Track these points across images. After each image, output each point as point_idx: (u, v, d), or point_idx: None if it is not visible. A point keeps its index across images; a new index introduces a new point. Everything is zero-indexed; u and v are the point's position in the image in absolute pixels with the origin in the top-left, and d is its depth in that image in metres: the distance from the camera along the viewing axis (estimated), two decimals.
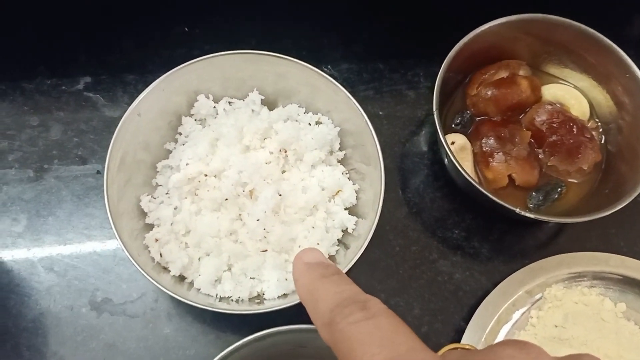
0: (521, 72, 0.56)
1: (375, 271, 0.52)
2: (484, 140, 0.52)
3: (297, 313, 0.48)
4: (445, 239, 0.54)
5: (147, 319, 0.50)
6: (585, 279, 0.51)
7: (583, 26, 0.52)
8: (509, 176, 0.51)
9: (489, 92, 0.53)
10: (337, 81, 0.59)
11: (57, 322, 0.49)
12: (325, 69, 0.59)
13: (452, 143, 0.52)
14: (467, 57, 0.53)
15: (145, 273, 0.42)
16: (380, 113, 0.58)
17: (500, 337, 0.49)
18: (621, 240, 0.55)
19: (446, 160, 0.49)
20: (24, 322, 0.49)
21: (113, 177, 0.46)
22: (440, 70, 0.50)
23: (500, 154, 0.51)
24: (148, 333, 0.49)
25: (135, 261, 0.43)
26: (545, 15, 0.52)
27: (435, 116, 0.48)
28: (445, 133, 0.53)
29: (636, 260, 0.51)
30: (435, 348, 0.49)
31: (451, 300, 0.52)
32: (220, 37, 0.60)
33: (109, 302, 0.50)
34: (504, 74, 0.55)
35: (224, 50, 0.50)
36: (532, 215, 0.46)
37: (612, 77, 0.53)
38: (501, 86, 0.54)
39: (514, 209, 0.46)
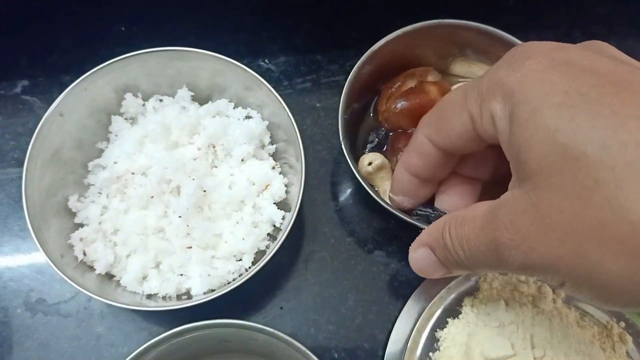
0: (430, 78, 0.53)
1: (309, 264, 0.52)
2: (399, 155, 0.49)
3: (225, 308, 0.48)
4: (381, 229, 0.53)
5: (80, 318, 0.50)
6: None
7: (482, 25, 0.50)
8: None
9: (399, 105, 0.50)
10: (274, 74, 0.59)
11: None
12: (262, 63, 0.59)
13: (370, 164, 0.50)
14: (371, 74, 0.51)
15: (64, 274, 0.43)
16: (318, 105, 0.58)
17: (431, 325, 0.49)
18: None
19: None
20: None
21: (34, 178, 0.46)
22: (341, 100, 0.49)
23: None
24: (81, 332, 0.49)
25: (53, 262, 0.43)
26: (441, 20, 0.50)
27: (343, 147, 0.47)
28: (361, 154, 0.51)
29: None
30: (369, 339, 0.49)
31: (386, 290, 0.51)
32: (159, 34, 0.60)
33: (43, 302, 0.51)
34: (411, 84, 0.52)
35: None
36: None
37: None
38: (410, 96, 0.50)
39: (421, 226, 0.43)
